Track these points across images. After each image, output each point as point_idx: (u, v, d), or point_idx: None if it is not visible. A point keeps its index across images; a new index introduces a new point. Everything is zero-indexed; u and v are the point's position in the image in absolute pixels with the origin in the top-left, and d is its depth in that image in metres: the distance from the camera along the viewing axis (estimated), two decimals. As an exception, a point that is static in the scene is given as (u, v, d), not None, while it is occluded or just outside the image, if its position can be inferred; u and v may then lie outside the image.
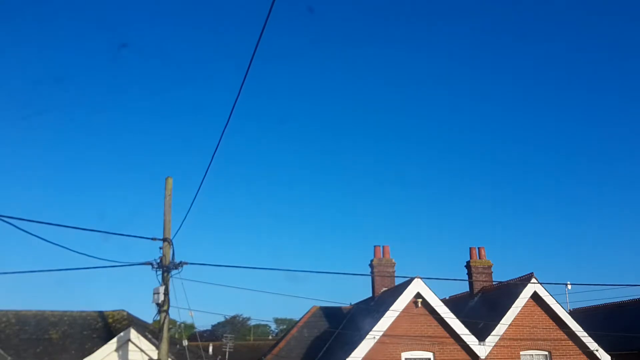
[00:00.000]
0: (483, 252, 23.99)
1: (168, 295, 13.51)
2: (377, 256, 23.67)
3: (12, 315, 19.46)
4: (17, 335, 18.41)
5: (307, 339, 23.17)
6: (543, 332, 20.07)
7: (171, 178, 14.58)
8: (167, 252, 13.72)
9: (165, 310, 13.43)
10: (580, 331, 19.95)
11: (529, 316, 20.09)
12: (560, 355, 19.94)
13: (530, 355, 19.95)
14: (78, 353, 17.30)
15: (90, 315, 20.03)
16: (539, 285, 20.17)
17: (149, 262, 13.61)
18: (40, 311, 19.92)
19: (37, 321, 19.25)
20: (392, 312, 18.82)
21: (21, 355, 17.24)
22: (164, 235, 13.90)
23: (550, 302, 20.15)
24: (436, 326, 19.31)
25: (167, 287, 13.53)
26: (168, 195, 14.35)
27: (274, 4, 6.63)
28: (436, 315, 19.29)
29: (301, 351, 22.43)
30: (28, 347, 17.74)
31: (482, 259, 23.79)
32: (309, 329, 23.78)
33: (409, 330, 19.06)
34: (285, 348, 22.69)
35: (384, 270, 23.44)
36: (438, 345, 19.13)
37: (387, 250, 23.76)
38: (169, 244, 13.78)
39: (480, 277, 23.54)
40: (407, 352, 18.98)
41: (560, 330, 20.14)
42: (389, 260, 23.70)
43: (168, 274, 13.60)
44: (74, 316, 19.82)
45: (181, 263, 13.71)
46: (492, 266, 23.77)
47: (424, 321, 19.30)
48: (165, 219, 14.06)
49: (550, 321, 20.21)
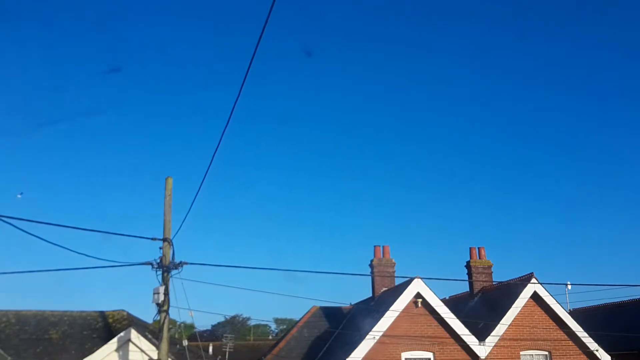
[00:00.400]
0: (483, 252, 23.99)
1: (168, 295, 13.52)
2: (377, 256, 23.67)
3: (12, 315, 19.46)
4: (17, 335, 18.41)
5: (307, 339, 23.17)
6: (543, 332, 20.07)
7: (171, 178, 14.60)
8: (167, 252, 13.73)
9: (165, 310, 13.44)
10: (580, 331, 19.95)
11: (529, 316, 20.10)
12: (560, 355, 19.94)
13: (530, 355, 19.96)
14: (78, 353, 17.30)
15: (90, 315, 20.04)
16: (539, 285, 20.17)
17: (149, 262, 13.63)
18: (40, 311, 19.92)
19: (37, 321, 19.25)
20: (392, 312, 18.83)
21: (21, 355, 17.24)
22: (164, 235, 13.91)
23: (550, 302, 20.15)
24: (436, 326, 19.31)
25: (167, 287, 13.54)
26: (168, 196, 14.36)
27: (273, 5, 6.64)
28: (436, 315, 19.29)
29: (301, 351, 22.43)
30: (28, 347, 17.75)
31: (482, 259, 23.78)
32: (309, 329, 23.78)
33: (409, 330, 19.07)
34: (285, 348, 22.69)
35: (384, 270, 23.44)
36: (438, 345, 19.14)
37: (387, 250, 23.76)
38: (169, 244, 13.78)
39: (480, 277, 23.54)
40: (407, 352, 18.99)
41: (560, 330, 20.14)
42: (389, 260, 23.70)
43: (168, 274, 13.61)
44: (74, 316, 19.82)
45: (181, 263, 13.72)
46: (492, 266, 23.78)
47: (424, 321, 19.31)
48: (165, 219, 14.08)
49: (550, 321, 20.21)
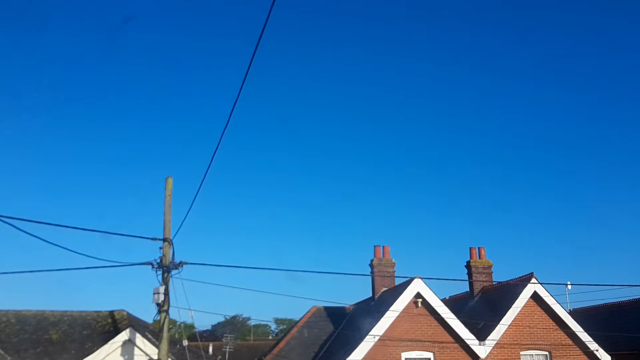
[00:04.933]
0: (483, 252, 23.97)
1: (168, 295, 13.51)
2: (377, 256, 23.65)
3: (12, 315, 19.44)
4: (17, 335, 18.39)
5: (307, 339, 23.14)
6: (543, 332, 20.07)
7: (171, 178, 14.59)
8: (167, 252, 13.72)
9: (165, 310, 13.43)
10: (580, 331, 19.95)
11: (529, 316, 20.10)
12: (560, 355, 19.94)
13: (530, 355, 19.95)
14: (78, 353, 17.29)
15: (90, 315, 20.01)
16: (539, 285, 20.17)
17: (149, 262, 13.62)
18: (40, 311, 19.90)
19: (37, 321, 19.24)
20: (392, 312, 18.82)
21: (21, 355, 17.23)
22: (164, 235, 13.90)
23: (551, 302, 20.15)
24: (436, 326, 19.30)
25: (167, 287, 13.53)
26: (168, 195, 14.35)
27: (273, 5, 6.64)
28: (436, 315, 19.28)
29: (301, 351, 22.41)
30: (28, 347, 17.73)
31: (482, 259, 23.77)
32: (309, 329, 23.75)
33: (409, 331, 19.07)
34: (285, 348, 22.66)
35: (384, 270, 23.42)
36: (438, 345, 19.13)
37: (387, 250, 23.74)
38: (169, 244, 13.78)
39: (480, 277, 23.53)
40: (407, 352, 18.99)
41: (561, 331, 20.14)
42: (389, 260, 23.67)
43: (168, 274, 13.60)
44: (74, 316, 19.80)
45: (181, 263, 13.72)
46: (492, 266, 23.76)
47: (424, 321, 19.30)
48: (165, 219, 14.07)
49: (550, 321, 20.21)
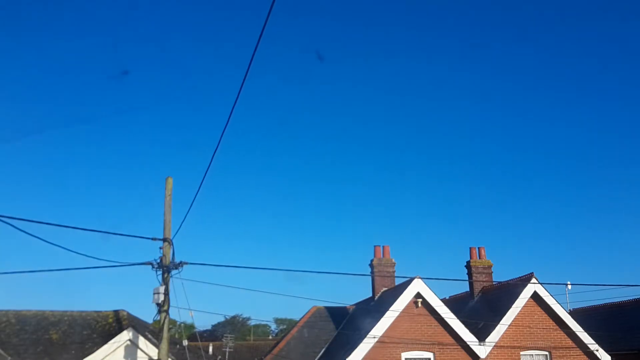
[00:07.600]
0: (483, 252, 23.96)
1: (168, 295, 13.52)
2: (377, 256, 23.63)
3: (12, 315, 19.45)
4: (17, 335, 18.40)
5: (307, 339, 23.13)
6: (543, 332, 20.07)
7: (171, 178, 14.60)
8: (167, 252, 13.73)
9: (165, 310, 13.44)
10: (580, 331, 19.95)
11: (529, 316, 20.10)
12: (560, 355, 19.94)
13: (530, 355, 19.95)
14: (78, 353, 17.30)
15: (90, 315, 20.02)
16: (539, 285, 20.17)
17: (149, 262, 13.63)
18: (40, 311, 19.91)
19: (37, 321, 19.24)
20: (392, 312, 18.82)
21: (21, 355, 17.23)
22: (164, 235, 13.91)
23: (551, 302, 20.15)
24: (436, 326, 19.30)
25: (167, 287, 13.54)
26: (168, 195, 14.36)
27: (273, 5, 6.65)
28: (436, 315, 19.28)
29: (301, 351, 22.40)
30: (28, 347, 17.74)
31: (482, 259, 23.76)
32: (309, 329, 23.74)
33: (409, 331, 19.06)
34: (285, 348, 22.66)
35: (384, 270, 23.40)
36: (438, 345, 19.13)
37: (387, 250, 23.72)
38: (169, 244, 13.79)
39: (480, 277, 23.52)
40: (407, 352, 18.98)
41: (561, 330, 20.14)
42: (389, 260, 23.66)
43: (168, 274, 13.60)
44: (74, 316, 19.81)
45: (181, 263, 13.72)
46: (492, 266, 23.75)
47: (424, 321, 19.30)
48: (165, 219, 14.08)
49: (550, 321, 20.21)
